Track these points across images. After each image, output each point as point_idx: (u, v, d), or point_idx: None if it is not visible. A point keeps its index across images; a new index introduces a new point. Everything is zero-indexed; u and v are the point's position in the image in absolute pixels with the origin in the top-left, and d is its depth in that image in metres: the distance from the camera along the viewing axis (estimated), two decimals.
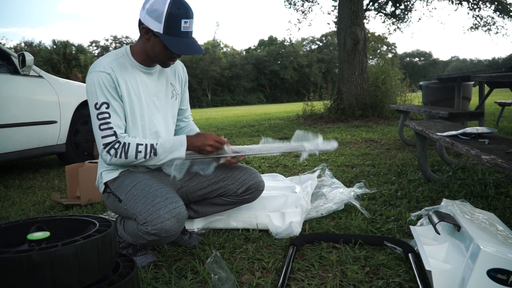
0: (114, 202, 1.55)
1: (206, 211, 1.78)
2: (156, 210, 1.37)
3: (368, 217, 1.97)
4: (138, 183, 1.49)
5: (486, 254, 1.11)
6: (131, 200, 1.45)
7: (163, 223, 1.35)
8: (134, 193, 1.46)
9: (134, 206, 1.43)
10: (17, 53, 3.51)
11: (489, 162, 1.47)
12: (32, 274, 0.88)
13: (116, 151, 1.45)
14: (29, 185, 3.30)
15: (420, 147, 2.65)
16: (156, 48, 1.47)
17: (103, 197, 1.65)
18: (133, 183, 1.50)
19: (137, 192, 1.46)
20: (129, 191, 1.48)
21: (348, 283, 1.34)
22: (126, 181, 1.53)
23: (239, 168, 1.74)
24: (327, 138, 1.74)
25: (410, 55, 70.09)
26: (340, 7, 8.10)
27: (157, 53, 1.48)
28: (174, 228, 1.38)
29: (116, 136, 1.46)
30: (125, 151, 1.45)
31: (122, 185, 1.53)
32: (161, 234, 1.37)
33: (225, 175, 1.71)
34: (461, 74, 3.88)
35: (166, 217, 1.36)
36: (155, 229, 1.36)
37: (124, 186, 1.52)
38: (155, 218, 1.36)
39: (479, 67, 45.66)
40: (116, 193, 1.54)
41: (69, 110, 3.87)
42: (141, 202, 1.41)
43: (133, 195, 1.46)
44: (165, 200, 1.40)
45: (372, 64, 9.99)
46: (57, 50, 30.26)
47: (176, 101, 1.71)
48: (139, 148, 1.46)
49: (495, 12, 11.20)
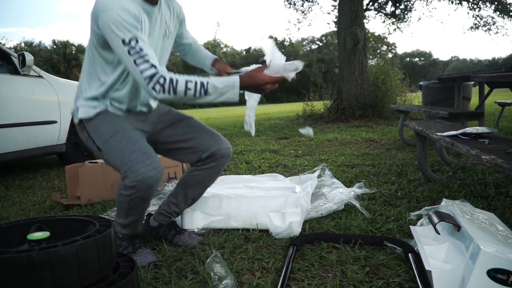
0: (88, 140, 1.58)
1: (184, 199, 1.76)
2: (134, 164, 1.41)
3: (368, 217, 1.97)
4: (116, 134, 1.50)
5: (486, 254, 1.11)
6: (109, 152, 1.49)
7: (140, 176, 1.40)
8: (113, 145, 1.48)
9: (113, 158, 1.47)
10: (17, 53, 3.51)
11: (489, 162, 1.47)
12: (32, 274, 0.88)
13: (163, 87, 1.38)
14: (29, 185, 3.30)
15: (420, 147, 2.65)
16: None
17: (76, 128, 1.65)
18: (110, 132, 1.50)
19: (115, 144, 1.48)
20: (107, 142, 1.49)
21: (348, 283, 1.34)
22: (102, 127, 1.53)
23: (208, 133, 1.74)
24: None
25: (410, 55, 70.08)
26: (340, 7, 8.10)
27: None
28: (151, 181, 1.42)
29: (156, 68, 1.39)
30: (173, 88, 1.39)
31: (98, 130, 1.53)
32: (139, 187, 1.41)
33: (192, 136, 1.70)
34: (461, 74, 3.88)
35: (143, 171, 1.40)
36: (133, 181, 1.41)
37: (101, 133, 1.52)
38: (133, 172, 1.41)
39: (479, 67, 45.57)
40: (93, 138, 1.55)
41: (69, 110, 3.86)
42: (119, 155, 1.45)
43: (112, 147, 1.48)
44: (142, 155, 1.44)
45: (372, 64, 9.98)
46: (57, 50, 30.27)
47: (168, 40, 1.68)
48: (189, 85, 1.40)
49: (495, 12, 11.20)
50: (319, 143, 4.83)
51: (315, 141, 5.05)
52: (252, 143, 5.13)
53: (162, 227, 1.79)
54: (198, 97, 1.42)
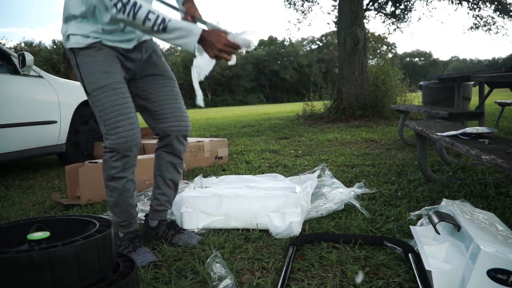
0: (75, 69, 1.55)
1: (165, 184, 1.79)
2: (117, 128, 1.50)
3: (368, 217, 1.97)
4: (108, 85, 1.50)
5: (486, 254, 1.11)
6: (97, 103, 1.52)
7: (120, 139, 1.50)
8: (102, 97, 1.50)
9: (100, 111, 1.52)
10: (17, 53, 3.52)
11: (489, 162, 1.47)
12: (32, 274, 0.88)
13: (124, 7, 1.37)
14: (29, 185, 3.30)
15: (420, 147, 2.65)
16: None
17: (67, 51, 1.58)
18: (101, 80, 1.50)
19: (105, 98, 1.50)
20: (96, 91, 1.50)
21: (348, 283, 1.34)
22: (94, 68, 1.50)
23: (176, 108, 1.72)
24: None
25: (410, 55, 70.14)
26: (340, 7, 8.10)
27: None
28: (130, 144, 1.52)
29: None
30: (134, 12, 1.37)
31: (89, 69, 1.51)
32: (118, 149, 1.51)
33: (160, 109, 1.70)
34: (461, 74, 3.88)
35: (123, 135, 1.51)
36: (113, 144, 1.51)
37: (91, 74, 1.50)
38: (114, 134, 1.50)
39: (479, 67, 45.62)
40: (81, 73, 1.53)
41: (69, 110, 3.87)
42: (106, 112, 1.51)
43: (100, 100, 1.51)
44: (127, 119, 1.52)
45: (372, 64, 9.99)
46: (57, 50, 30.31)
47: None
48: (150, 16, 1.37)
49: (495, 12, 11.20)
50: (319, 143, 4.83)
51: (315, 141, 5.05)
52: (252, 143, 5.13)
53: (161, 227, 1.80)
54: (155, 30, 1.40)
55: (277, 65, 46.27)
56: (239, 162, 3.75)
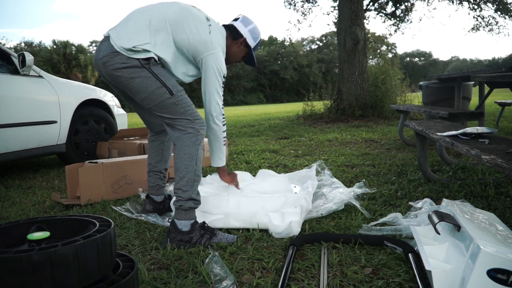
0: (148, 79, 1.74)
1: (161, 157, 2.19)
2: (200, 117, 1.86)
3: (368, 217, 1.97)
4: (183, 90, 1.83)
5: (486, 254, 1.11)
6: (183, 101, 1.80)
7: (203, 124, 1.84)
8: (184, 96, 1.81)
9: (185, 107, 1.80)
10: (17, 53, 3.51)
11: (489, 162, 1.47)
12: (32, 274, 0.88)
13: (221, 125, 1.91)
14: (29, 185, 3.30)
15: (420, 147, 2.65)
16: (240, 53, 2.05)
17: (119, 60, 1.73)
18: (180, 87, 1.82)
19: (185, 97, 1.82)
20: (180, 91, 1.80)
21: (348, 283, 1.34)
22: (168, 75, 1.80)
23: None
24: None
25: (410, 55, 70.14)
26: (340, 7, 8.10)
27: (237, 56, 2.05)
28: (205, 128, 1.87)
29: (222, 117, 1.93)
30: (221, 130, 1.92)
31: (166, 75, 1.78)
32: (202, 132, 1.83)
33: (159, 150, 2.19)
34: (461, 74, 3.88)
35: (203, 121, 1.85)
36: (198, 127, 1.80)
37: (170, 79, 1.79)
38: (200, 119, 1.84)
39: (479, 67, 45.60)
40: (162, 79, 1.75)
41: (69, 110, 3.87)
42: (191, 108, 1.82)
43: (185, 98, 1.81)
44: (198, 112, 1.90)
45: (372, 64, 9.99)
46: (57, 50, 30.29)
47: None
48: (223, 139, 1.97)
49: (496, 12, 11.20)
50: (319, 143, 4.83)
51: (315, 141, 5.05)
52: (252, 143, 5.13)
53: (166, 200, 2.21)
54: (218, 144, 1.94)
55: (277, 65, 46.24)
56: (239, 162, 3.75)
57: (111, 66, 1.73)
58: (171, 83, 1.78)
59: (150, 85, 1.74)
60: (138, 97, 1.79)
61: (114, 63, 1.72)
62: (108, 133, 4.29)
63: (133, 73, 1.72)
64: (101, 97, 4.30)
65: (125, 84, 1.75)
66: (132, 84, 1.74)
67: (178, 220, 1.74)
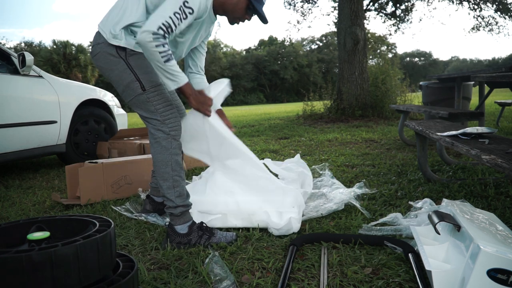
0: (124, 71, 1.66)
1: None
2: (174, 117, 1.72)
3: (368, 217, 1.97)
4: (161, 85, 1.70)
5: (486, 254, 1.11)
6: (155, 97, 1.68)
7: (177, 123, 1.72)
8: (159, 92, 1.69)
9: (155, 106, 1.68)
10: (17, 53, 3.52)
11: (489, 162, 1.47)
12: (32, 274, 0.88)
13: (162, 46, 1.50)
14: (29, 185, 3.30)
15: (420, 147, 2.65)
16: (239, 5, 1.71)
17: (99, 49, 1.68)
18: (157, 80, 1.69)
19: (160, 94, 1.69)
20: (153, 87, 1.67)
21: (348, 283, 1.34)
22: (147, 69, 1.67)
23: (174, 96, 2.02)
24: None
25: (410, 55, 70.13)
26: (340, 7, 8.10)
27: (237, 9, 1.72)
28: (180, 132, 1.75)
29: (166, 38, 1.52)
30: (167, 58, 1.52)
31: (143, 68, 1.66)
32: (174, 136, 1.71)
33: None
34: (461, 74, 3.88)
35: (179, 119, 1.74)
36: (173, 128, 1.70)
37: (146, 72, 1.66)
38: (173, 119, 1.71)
39: (479, 67, 45.57)
40: (137, 72, 1.65)
41: (69, 110, 3.87)
42: (162, 106, 1.69)
43: (158, 94, 1.69)
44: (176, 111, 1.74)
45: (372, 64, 9.98)
46: (57, 50, 30.31)
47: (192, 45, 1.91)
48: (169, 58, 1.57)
49: (496, 12, 11.20)
50: (319, 143, 4.83)
51: (315, 141, 5.05)
52: (252, 143, 5.13)
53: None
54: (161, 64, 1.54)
55: (277, 65, 46.24)
56: None
57: (95, 56, 1.72)
58: (147, 78, 1.67)
59: (125, 78, 1.67)
60: (118, 91, 1.75)
61: (96, 52, 1.70)
62: (108, 133, 4.29)
63: (112, 64, 1.67)
64: (101, 97, 4.30)
65: (107, 76, 1.73)
66: (111, 76, 1.71)
67: (174, 225, 1.74)
